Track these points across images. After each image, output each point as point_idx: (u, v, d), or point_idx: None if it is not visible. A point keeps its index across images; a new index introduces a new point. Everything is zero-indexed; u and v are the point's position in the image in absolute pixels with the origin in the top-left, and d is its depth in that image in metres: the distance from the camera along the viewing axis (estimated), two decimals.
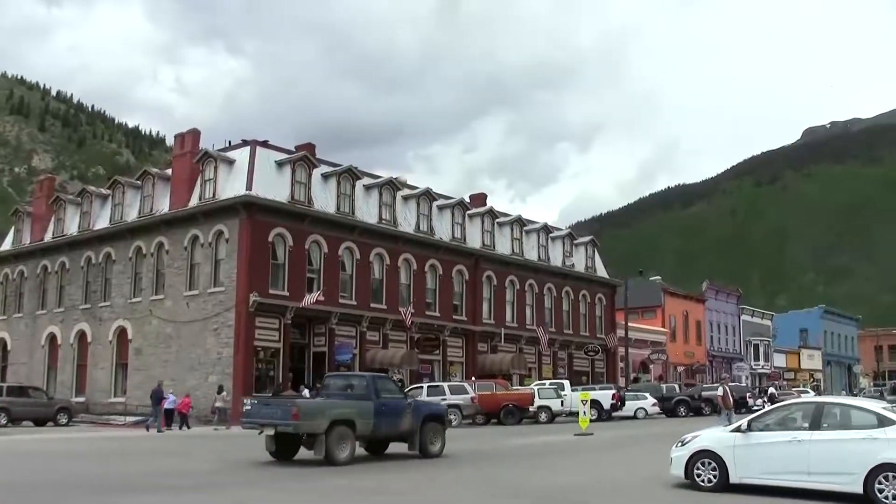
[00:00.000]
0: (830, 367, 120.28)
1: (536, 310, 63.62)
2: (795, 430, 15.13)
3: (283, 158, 47.91)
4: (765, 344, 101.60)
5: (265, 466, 20.64)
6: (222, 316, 44.79)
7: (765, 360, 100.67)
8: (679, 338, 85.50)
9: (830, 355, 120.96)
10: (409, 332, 52.59)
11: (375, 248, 51.40)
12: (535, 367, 62.52)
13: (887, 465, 13.77)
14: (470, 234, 58.80)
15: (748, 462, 15.38)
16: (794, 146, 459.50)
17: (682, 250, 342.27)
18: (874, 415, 14.62)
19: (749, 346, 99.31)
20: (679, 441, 16.80)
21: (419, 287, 54.17)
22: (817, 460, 14.55)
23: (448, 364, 55.60)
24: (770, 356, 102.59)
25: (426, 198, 55.94)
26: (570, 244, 69.62)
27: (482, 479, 18.03)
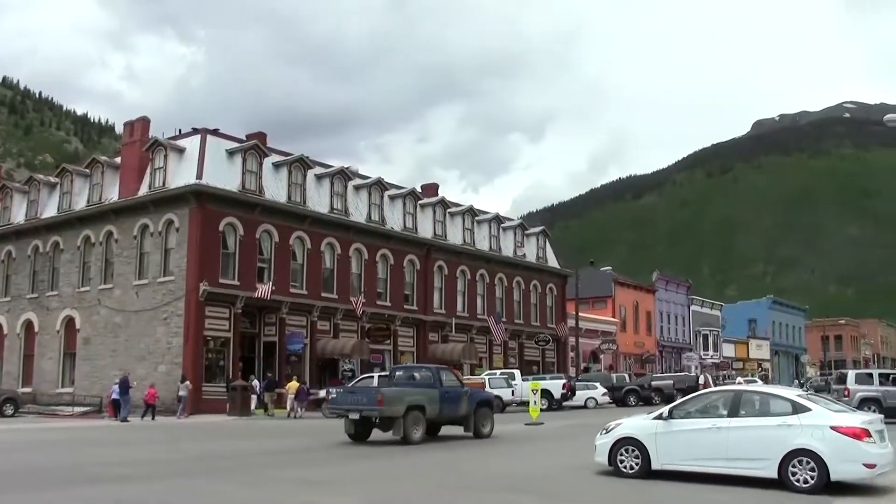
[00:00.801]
0: (778, 357, 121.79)
1: (487, 300, 63.80)
2: (715, 417, 15.51)
3: (234, 147, 47.63)
4: (714, 334, 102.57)
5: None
6: (172, 305, 44.50)
7: (714, 350, 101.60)
8: (629, 328, 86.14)
9: (778, 345, 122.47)
10: (360, 322, 52.58)
11: (327, 237, 51.29)
12: (486, 356, 62.74)
13: (800, 451, 14.32)
14: (421, 224, 58.81)
15: (669, 449, 15.72)
16: (743, 138, 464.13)
17: (633, 241, 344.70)
18: (789, 402, 15.12)
19: (699, 336, 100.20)
20: (603, 429, 17.16)
21: (370, 277, 54.13)
22: (735, 446, 14.96)
23: (399, 353, 55.61)
24: (719, 346, 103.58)
25: (378, 187, 55.87)
26: (522, 234, 69.84)
27: (429, 466, 18.09)
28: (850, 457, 14.11)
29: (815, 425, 14.46)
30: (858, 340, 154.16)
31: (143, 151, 47.69)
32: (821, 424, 14.44)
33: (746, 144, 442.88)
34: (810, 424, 14.48)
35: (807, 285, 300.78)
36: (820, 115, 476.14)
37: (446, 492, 14.12)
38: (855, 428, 14.28)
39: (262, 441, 25.89)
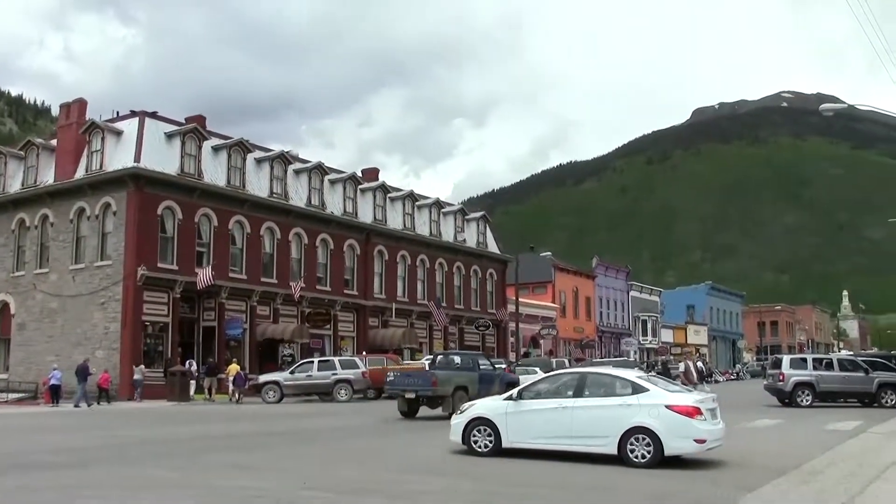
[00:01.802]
0: (716, 343, 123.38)
1: (428, 285, 63.91)
2: (562, 398, 16.24)
3: (173, 130, 47.20)
4: (653, 320, 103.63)
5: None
6: (110, 290, 44.08)
7: (653, 336, 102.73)
8: (569, 313, 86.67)
9: (716, 331, 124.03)
10: (299, 307, 52.42)
11: (266, 221, 51.06)
12: (427, 341, 62.84)
13: (638, 429, 15.18)
14: (362, 209, 58.73)
15: (519, 428, 16.41)
16: (683, 126, 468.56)
17: (573, 227, 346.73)
18: (630, 383, 15.95)
19: (637, 321, 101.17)
20: (458, 410, 17.92)
21: (310, 261, 53.99)
22: (580, 425, 15.74)
23: (339, 339, 55.56)
24: (658, 331, 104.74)
25: (318, 171, 55.70)
26: (462, 220, 69.98)
27: (372, 451, 18.18)
28: (682, 433, 15.03)
29: (651, 405, 15.30)
30: (794, 326, 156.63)
31: (79, 134, 47.09)
32: (657, 404, 15.28)
33: (686, 132, 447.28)
34: (648, 404, 15.32)
35: (744, 272, 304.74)
36: (758, 104, 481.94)
37: (365, 475, 14.21)
38: (688, 407, 15.20)
39: (198, 426, 25.77)
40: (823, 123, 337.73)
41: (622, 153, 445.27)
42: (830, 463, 15.32)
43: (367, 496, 11.76)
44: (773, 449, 18.43)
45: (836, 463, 15.29)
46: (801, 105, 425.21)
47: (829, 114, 35.60)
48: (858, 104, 48.10)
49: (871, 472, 13.51)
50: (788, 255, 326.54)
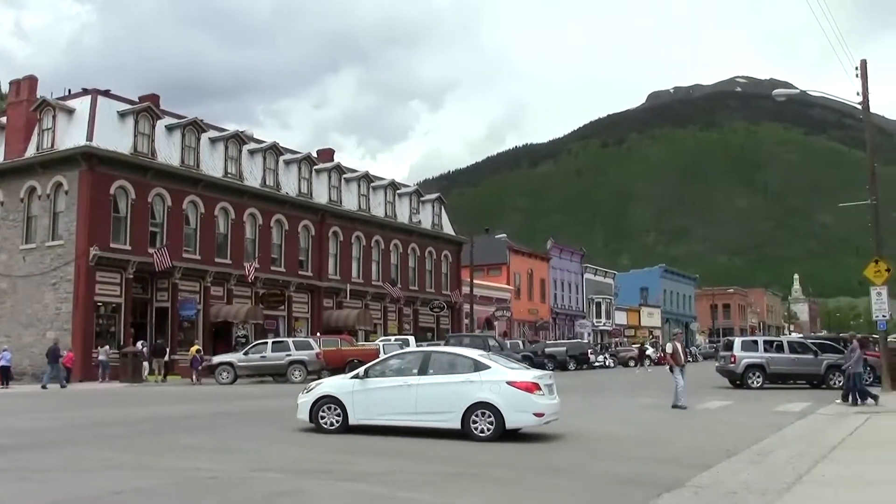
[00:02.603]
0: (669, 325, 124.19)
1: (383, 266, 63.86)
2: (407, 376, 16.90)
3: (126, 109, 46.69)
4: (607, 302, 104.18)
5: None
6: (61, 270, 43.60)
7: (607, 318, 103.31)
8: (524, 295, 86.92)
9: (669, 313, 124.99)
10: (254, 288, 52.20)
11: (220, 202, 50.72)
12: (381, 322, 62.85)
13: (480, 404, 16.04)
14: (317, 190, 58.51)
15: (366, 405, 17.03)
16: (638, 110, 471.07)
17: (528, 209, 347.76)
18: (472, 361, 16.78)
19: (592, 303, 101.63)
20: (304, 389, 18.35)
21: (265, 242, 53.74)
22: (424, 401, 16.49)
23: (293, 320, 55.41)
24: (612, 314, 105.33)
25: (273, 152, 55.40)
26: (418, 201, 69.94)
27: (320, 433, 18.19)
28: (522, 407, 15.94)
29: (493, 381, 16.14)
30: (746, 309, 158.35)
31: (30, 112, 46.39)
32: (498, 380, 16.14)
33: (641, 116, 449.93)
34: (489, 380, 16.16)
35: (697, 255, 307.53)
36: (713, 89, 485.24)
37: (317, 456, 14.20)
38: (527, 382, 16.14)
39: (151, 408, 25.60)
40: (777, 108, 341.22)
41: (578, 136, 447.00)
42: (779, 444, 15.52)
43: (318, 476, 11.74)
44: (725, 430, 18.64)
45: (785, 443, 15.49)
46: (755, 90, 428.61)
47: (782, 99, 36.00)
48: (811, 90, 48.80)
49: (819, 453, 13.71)
50: (741, 239, 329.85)
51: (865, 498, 9.97)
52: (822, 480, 10.98)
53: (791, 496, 9.79)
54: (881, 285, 30.08)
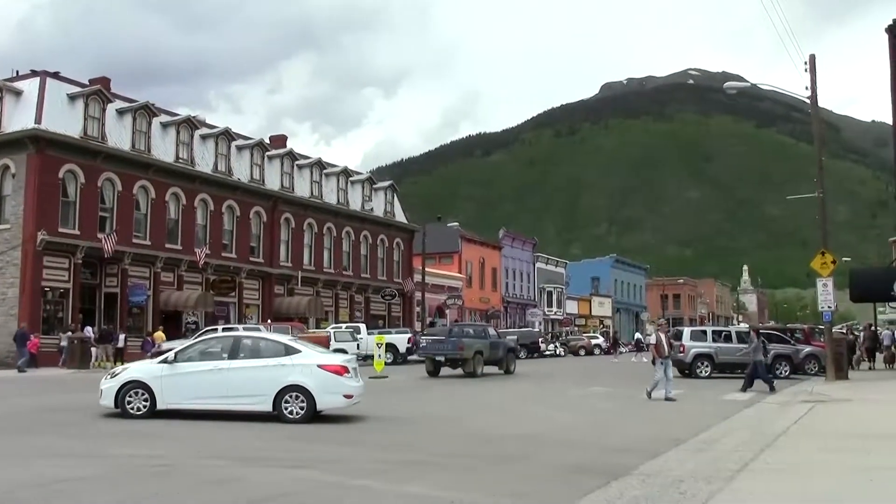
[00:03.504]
0: (620, 314, 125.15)
1: (335, 254, 63.69)
2: (216, 360, 17.22)
3: (76, 92, 46.09)
4: (558, 291, 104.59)
5: None
6: (8, 255, 43.00)
7: (558, 307, 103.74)
8: (475, 283, 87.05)
9: (620, 303, 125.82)
10: (204, 274, 51.87)
11: (171, 187, 50.28)
12: (332, 310, 62.70)
13: (292, 387, 16.66)
14: (269, 176, 58.20)
15: (175, 389, 17.12)
16: (592, 100, 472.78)
17: (480, 198, 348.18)
18: (283, 345, 17.48)
19: (543, 292, 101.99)
20: (108, 374, 18.53)
21: (216, 228, 53.38)
22: (235, 385, 16.84)
23: (244, 306, 55.13)
24: (563, 303, 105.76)
25: (225, 137, 55.00)
26: (370, 188, 69.81)
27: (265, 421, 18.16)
28: (333, 390, 16.77)
29: (304, 364, 16.83)
30: (695, 299, 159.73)
31: None
32: (309, 363, 16.87)
33: (594, 106, 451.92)
34: (301, 364, 16.84)
35: (648, 245, 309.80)
36: (666, 81, 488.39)
37: (264, 443, 14.19)
38: (337, 366, 16.99)
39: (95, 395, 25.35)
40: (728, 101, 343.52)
41: (531, 126, 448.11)
42: (726, 432, 15.70)
43: (266, 463, 11.73)
44: (673, 418, 18.83)
45: (732, 432, 15.67)
46: (707, 83, 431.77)
47: (733, 92, 36.30)
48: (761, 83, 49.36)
49: (764, 441, 13.88)
50: (691, 230, 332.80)
51: (808, 484, 10.13)
52: (766, 468, 11.14)
53: (736, 483, 9.93)
54: (827, 277, 30.51)
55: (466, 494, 9.57)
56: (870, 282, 39.40)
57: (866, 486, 9.90)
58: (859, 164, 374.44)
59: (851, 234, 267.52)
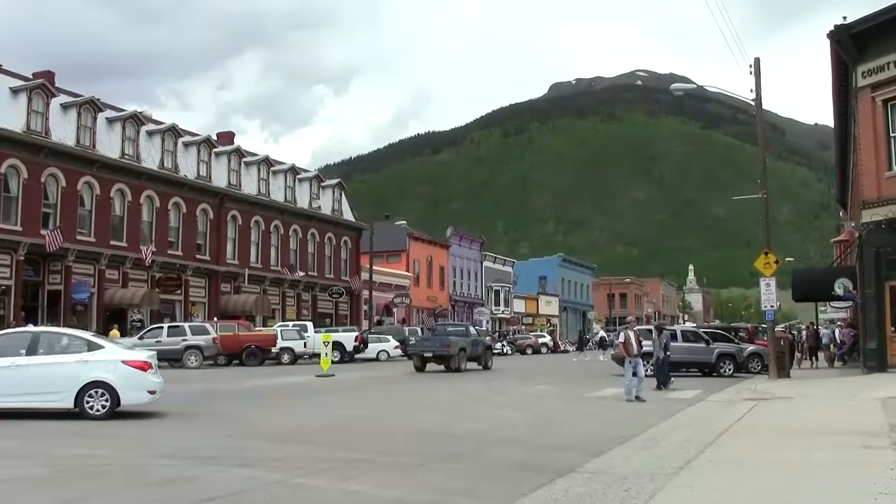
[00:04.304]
0: (567, 313, 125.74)
1: (282, 251, 63.42)
2: (14, 356, 16.63)
3: (19, 85, 45.46)
4: (505, 290, 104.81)
5: None
6: None
7: (505, 306, 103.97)
8: (423, 282, 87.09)
9: (567, 302, 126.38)
10: (150, 271, 51.40)
11: (117, 183, 49.76)
12: (279, 308, 62.45)
13: (95, 383, 16.44)
14: (216, 173, 57.82)
15: None
16: (540, 100, 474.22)
17: (429, 196, 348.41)
18: (85, 341, 17.23)
19: (490, 291, 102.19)
20: None
21: (162, 225, 52.93)
22: (34, 382, 16.34)
23: (190, 304, 54.72)
24: (510, 302, 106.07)
25: (171, 133, 54.55)
26: (318, 186, 69.62)
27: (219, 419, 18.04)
28: (138, 386, 16.73)
29: (108, 360, 16.61)
30: (642, 298, 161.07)
31: None
32: (113, 359, 16.67)
33: (543, 106, 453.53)
34: (104, 360, 16.60)
35: (596, 244, 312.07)
36: (614, 82, 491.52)
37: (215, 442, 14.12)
38: (141, 361, 16.92)
39: None
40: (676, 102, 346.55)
41: (480, 125, 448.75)
42: (671, 430, 15.84)
43: (212, 462, 11.65)
44: (618, 416, 18.95)
45: (676, 430, 15.82)
46: (655, 84, 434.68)
47: (679, 93, 36.64)
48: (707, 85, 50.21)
49: (708, 438, 14.03)
50: (638, 229, 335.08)
51: (748, 480, 10.25)
52: (709, 464, 11.26)
53: (679, 480, 10.03)
54: (770, 277, 30.90)
55: (411, 493, 9.57)
56: (811, 282, 39.96)
57: (804, 481, 10.06)
58: (802, 166, 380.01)
59: (794, 235, 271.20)
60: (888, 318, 29.84)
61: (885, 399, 20.12)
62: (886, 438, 13.53)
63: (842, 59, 31.93)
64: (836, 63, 33.05)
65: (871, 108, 30.04)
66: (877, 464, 10.88)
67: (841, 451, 12.37)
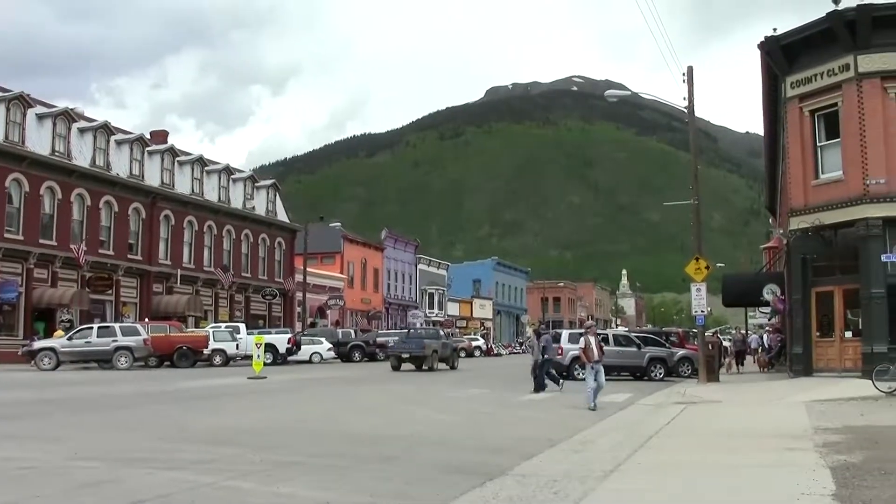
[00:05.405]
0: (500, 317, 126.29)
1: (215, 252, 62.94)
2: None
3: None
4: (440, 293, 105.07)
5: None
6: None
7: (439, 309, 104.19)
8: (357, 284, 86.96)
9: (501, 305, 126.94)
10: (80, 271, 50.68)
11: (47, 181, 48.99)
12: (212, 309, 61.97)
13: None
14: (149, 172, 57.21)
15: None
16: (477, 104, 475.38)
17: (364, 198, 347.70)
18: None
19: (425, 294, 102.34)
20: None
21: (93, 224, 52.22)
22: None
23: (121, 304, 54.08)
24: (444, 305, 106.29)
25: (104, 131, 53.87)
26: (252, 187, 69.23)
27: (149, 420, 17.85)
28: None
29: None
30: (575, 302, 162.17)
31: None
32: None
33: (479, 110, 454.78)
34: None
35: (530, 248, 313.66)
36: (550, 87, 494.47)
37: (139, 444, 14.00)
38: None
39: None
40: (611, 109, 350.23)
41: (416, 128, 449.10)
42: (602, 433, 15.97)
43: (140, 465, 11.52)
44: (549, 420, 19.07)
45: (607, 433, 15.96)
46: (590, 90, 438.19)
47: (614, 100, 37.05)
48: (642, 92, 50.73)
49: (637, 442, 14.18)
50: (572, 234, 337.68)
51: (675, 482, 10.40)
52: (638, 467, 11.39)
53: (608, 482, 10.13)
54: (701, 282, 31.33)
55: (342, 495, 9.55)
56: (741, 287, 40.64)
57: (730, 482, 10.24)
58: (734, 173, 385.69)
59: (725, 241, 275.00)
60: (814, 323, 30.46)
61: (809, 402, 20.55)
62: (809, 441, 13.83)
63: (772, 70, 32.59)
64: (766, 73, 33.70)
65: (799, 118, 30.69)
66: (800, 465, 11.12)
67: (766, 453, 12.59)
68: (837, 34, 28.70)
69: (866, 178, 27.93)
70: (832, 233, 30.08)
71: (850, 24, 28.29)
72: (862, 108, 28.30)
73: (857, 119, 28.36)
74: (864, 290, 27.86)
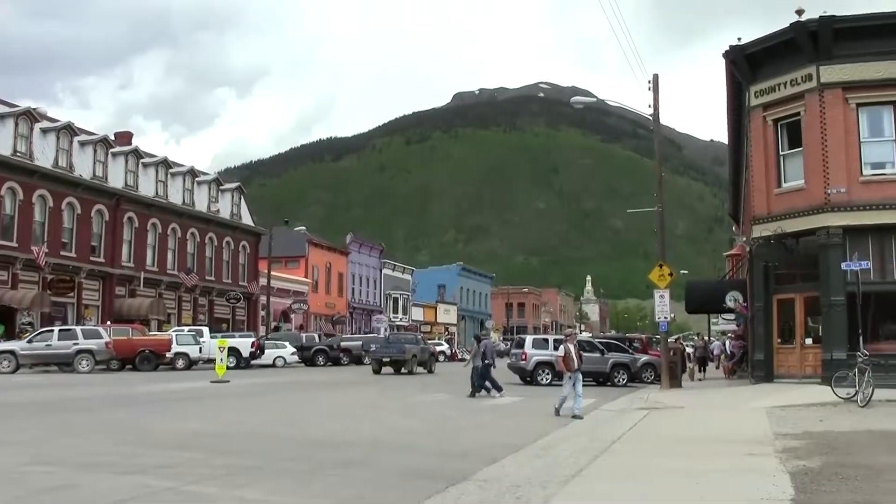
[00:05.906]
0: (465, 322, 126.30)
1: (179, 255, 62.55)
2: None
3: None
4: (404, 298, 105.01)
5: None
6: None
7: (403, 313, 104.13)
8: (321, 288, 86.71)
9: (465, 310, 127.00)
10: (41, 273, 50.18)
11: (8, 181, 48.43)
12: (176, 312, 61.56)
13: None
14: (113, 173, 56.74)
15: None
16: (443, 109, 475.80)
17: (329, 202, 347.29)
18: None
19: (389, 298, 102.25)
20: None
21: (55, 225, 51.68)
22: None
23: (83, 307, 53.58)
24: (409, 309, 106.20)
25: (67, 132, 53.38)
26: (217, 190, 68.87)
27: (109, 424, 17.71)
28: None
29: None
30: (539, 308, 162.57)
31: None
32: None
33: (446, 115, 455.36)
34: None
35: (495, 254, 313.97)
36: (517, 93, 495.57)
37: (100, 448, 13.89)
38: None
39: None
40: (577, 115, 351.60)
41: (382, 132, 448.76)
42: (564, 438, 16.01)
43: (99, 469, 11.42)
44: (513, 424, 19.13)
45: (569, 438, 16.00)
46: (557, 96, 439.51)
47: (580, 106, 37.17)
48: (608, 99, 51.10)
49: (600, 447, 14.24)
50: (537, 240, 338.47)
51: (637, 487, 10.46)
52: (600, 472, 11.44)
53: (571, 487, 10.17)
54: (664, 289, 31.54)
55: (304, 500, 9.54)
56: (704, 294, 40.88)
57: (691, 487, 10.32)
58: (698, 181, 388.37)
59: (689, 248, 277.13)
60: (776, 330, 30.72)
61: (770, 408, 20.71)
62: (770, 446, 13.95)
63: (736, 79, 32.87)
64: (730, 82, 33.95)
65: (762, 127, 30.97)
66: (760, 470, 11.22)
67: (727, 459, 12.70)
68: (800, 44, 28.98)
69: (827, 188, 28.21)
70: (794, 241, 30.41)
71: (813, 35, 28.58)
72: (824, 117, 28.59)
73: (819, 128, 28.64)
74: (824, 298, 28.11)
